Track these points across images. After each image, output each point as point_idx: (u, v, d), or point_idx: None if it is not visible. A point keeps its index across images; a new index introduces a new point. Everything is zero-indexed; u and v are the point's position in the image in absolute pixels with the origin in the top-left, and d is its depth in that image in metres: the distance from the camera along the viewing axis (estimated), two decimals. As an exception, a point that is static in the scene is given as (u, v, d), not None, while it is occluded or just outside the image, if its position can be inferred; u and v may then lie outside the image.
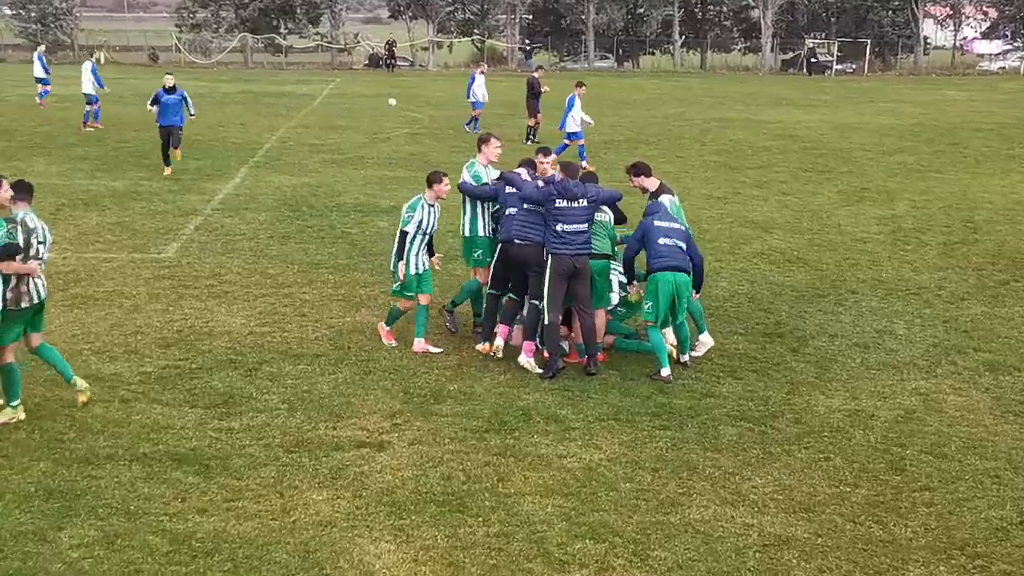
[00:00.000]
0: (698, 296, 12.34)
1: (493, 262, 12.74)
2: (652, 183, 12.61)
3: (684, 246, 11.90)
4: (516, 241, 12.06)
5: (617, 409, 10.86)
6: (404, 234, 12.41)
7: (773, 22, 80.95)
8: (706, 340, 12.57)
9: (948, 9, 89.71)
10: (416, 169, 26.69)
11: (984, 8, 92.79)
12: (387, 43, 76.48)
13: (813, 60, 77.49)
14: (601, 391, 11.35)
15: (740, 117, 40.59)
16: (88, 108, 34.00)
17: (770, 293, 15.42)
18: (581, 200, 11.81)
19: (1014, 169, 27.93)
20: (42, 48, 42.55)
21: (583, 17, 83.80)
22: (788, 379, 11.87)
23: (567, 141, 27.56)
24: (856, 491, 9.11)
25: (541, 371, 11.78)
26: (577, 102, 27.80)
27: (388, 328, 12.81)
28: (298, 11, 79.66)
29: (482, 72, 36.91)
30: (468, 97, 35.67)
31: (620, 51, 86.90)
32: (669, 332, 12.21)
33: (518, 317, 12.62)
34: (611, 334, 12.79)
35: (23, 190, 10.20)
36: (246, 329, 13.24)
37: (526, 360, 11.91)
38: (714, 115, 39.66)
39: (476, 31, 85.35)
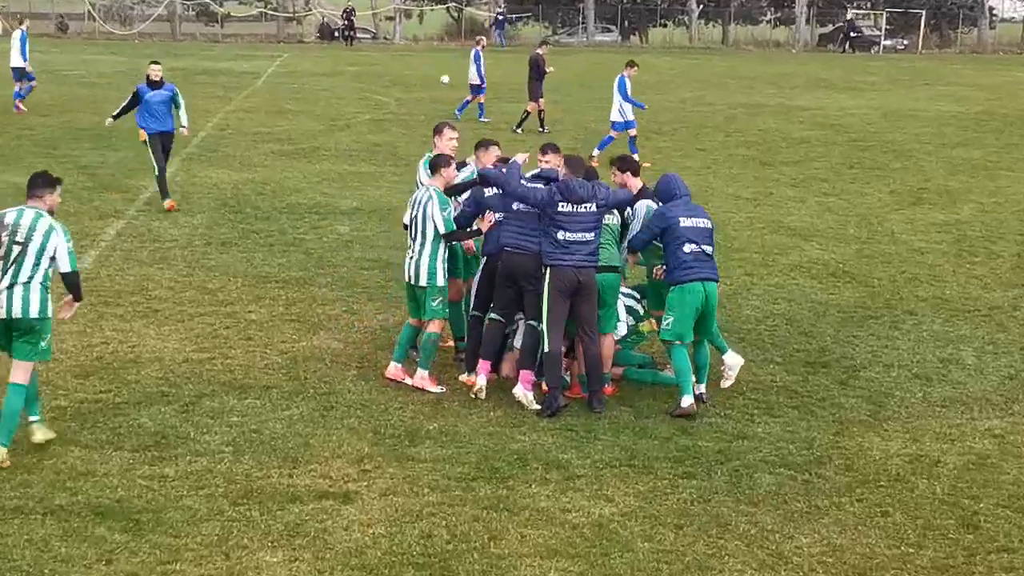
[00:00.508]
0: None
1: (477, 276, 12.77)
2: (636, 184, 12.80)
3: (711, 249, 11.99)
4: (507, 249, 12.10)
5: (631, 453, 10.87)
6: (450, 236, 12.33)
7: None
8: (732, 361, 12.57)
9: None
10: (382, 163, 26.81)
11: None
12: (345, 11, 76.62)
13: (856, 34, 77.94)
14: (611, 431, 11.36)
15: (771, 102, 40.85)
16: (19, 86, 34.08)
17: (812, 314, 15.49)
18: (589, 204, 11.85)
19: (1100, 166, 28.16)
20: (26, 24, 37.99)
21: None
22: (836, 417, 11.91)
23: (613, 133, 27.49)
24: (921, 553, 9.13)
25: (539, 407, 11.80)
26: (628, 85, 27.69)
27: (428, 372, 12.44)
28: (237, -27, 79.91)
29: (482, 48, 37.07)
30: (479, 79, 35.53)
31: (625, 23, 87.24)
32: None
33: (509, 342, 12.64)
34: (619, 364, 12.82)
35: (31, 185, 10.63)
36: (180, 355, 13.22)
37: (522, 393, 11.91)
38: (740, 100, 39.90)
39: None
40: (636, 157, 25.26)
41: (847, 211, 22.27)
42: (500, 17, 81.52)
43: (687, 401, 11.75)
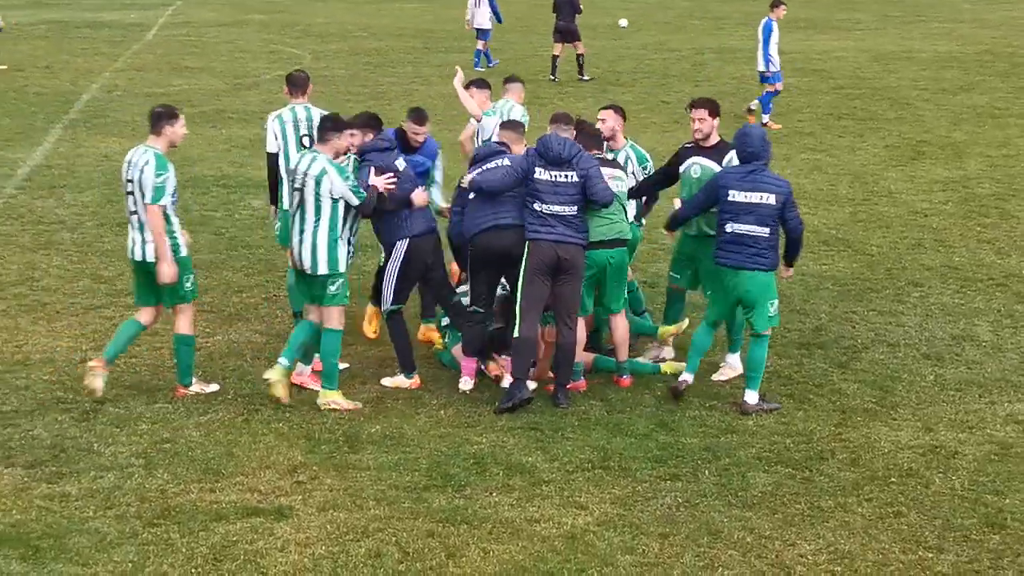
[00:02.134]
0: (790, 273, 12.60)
1: (468, 269, 12.80)
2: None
3: (767, 231, 11.88)
4: (493, 226, 12.15)
5: (605, 453, 10.95)
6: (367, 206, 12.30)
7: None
8: (734, 363, 12.77)
9: None
10: (299, 126, 26.62)
11: None
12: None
13: None
14: (581, 429, 11.44)
15: (745, 46, 40.84)
16: None
17: (803, 289, 15.60)
18: (568, 172, 11.81)
19: None
20: None
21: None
22: (837, 406, 12.04)
23: (769, 86, 27.29)
24: (941, 557, 9.26)
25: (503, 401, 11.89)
26: (775, 29, 27.44)
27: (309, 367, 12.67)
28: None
29: None
30: (489, 23, 35.85)
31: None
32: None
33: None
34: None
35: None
36: (76, 355, 13.17)
37: (468, 383, 12.21)
38: (709, 43, 39.99)
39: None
40: (766, 118, 26.14)
41: (838, 169, 22.44)
42: None
43: (686, 377, 12.09)
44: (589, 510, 9.93)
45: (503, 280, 12.64)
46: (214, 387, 12.32)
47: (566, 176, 11.82)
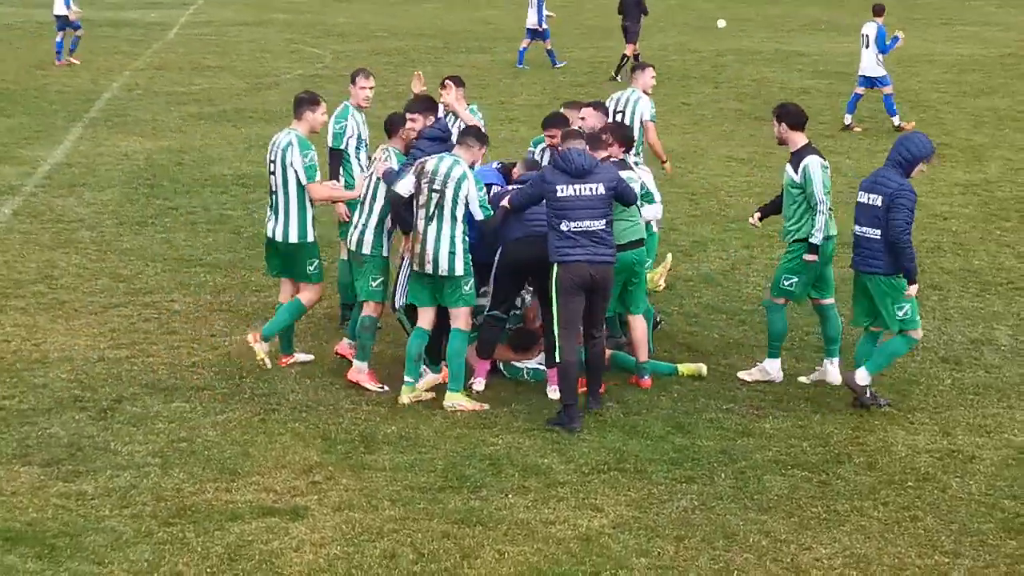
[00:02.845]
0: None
1: (494, 273, 12.74)
2: (798, 139, 12.81)
3: (872, 232, 11.95)
4: (524, 235, 12.15)
5: (620, 455, 10.95)
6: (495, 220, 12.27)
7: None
8: (770, 368, 12.70)
9: None
10: (319, 125, 26.67)
11: None
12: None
13: None
14: (597, 431, 11.44)
15: (766, 48, 40.92)
16: (63, 35, 34.88)
17: (822, 291, 15.55)
18: (592, 183, 11.61)
19: None
20: None
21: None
22: (854, 409, 12.01)
23: (886, 89, 26.90)
24: (957, 562, 9.25)
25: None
26: (885, 35, 26.73)
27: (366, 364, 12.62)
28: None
29: None
30: (541, 23, 35.64)
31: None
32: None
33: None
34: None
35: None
36: (94, 354, 13.20)
37: (480, 384, 12.28)
38: (730, 45, 39.91)
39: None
40: (896, 119, 26.01)
41: (858, 172, 22.25)
42: None
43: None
44: (604, 512, 9.93)
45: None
46: (309, 356, 12.96)
47: (591, 188, 11.59)
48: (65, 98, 29.78)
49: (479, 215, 11.85)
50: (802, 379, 12.75)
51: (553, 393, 12.16)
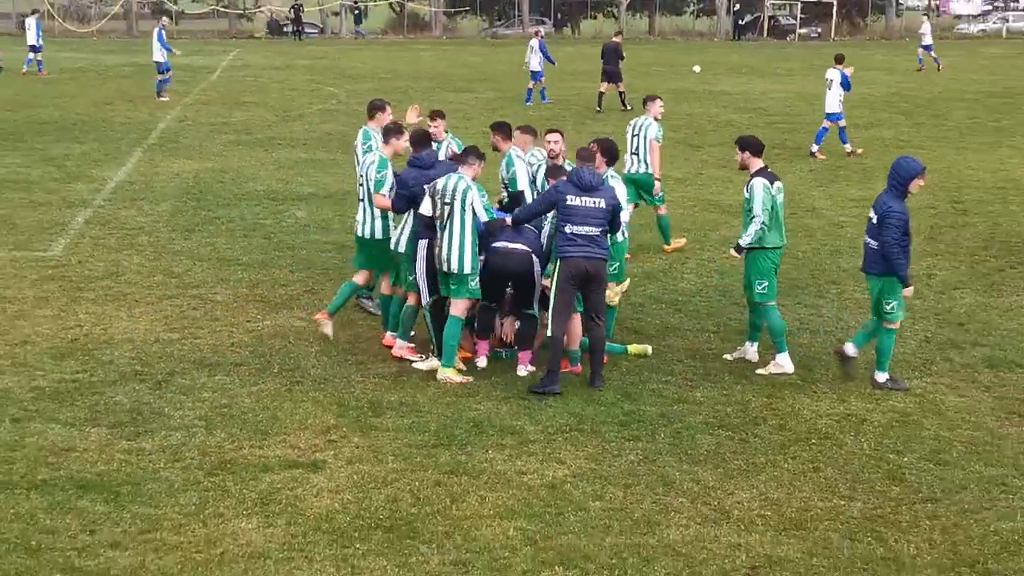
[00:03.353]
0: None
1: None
2: (756, 163, 12.60)
3: (873, 243, 11.83)
4: (497, 247, 12.02)
5: (580, 418, 10.93)
6: (496, 223, 12.09)
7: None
8: (784, 363, 12.39)
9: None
10: (335, 150, 26.66)
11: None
12: (293, 7, 75.99)
13: (743, 21, 77.97)
14: (561, 399, 11.40)
15: (697, 88, 40.96)
16: (160, 77, 35.95)
17: (743, 286, 15.54)
18: (596, 197, 11.58)
19: (1002, 143, 28.52)
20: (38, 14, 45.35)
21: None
22: (769, 381, 12.02)
23: (841, 123, 26.92)
24: (852, 504, 9.25)
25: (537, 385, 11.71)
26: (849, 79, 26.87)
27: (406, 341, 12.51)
28: (190, -28, 79.06)
29: (541, 38, 37.83)
30: (540, 66, 36.29)
31: (558, 15, 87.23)
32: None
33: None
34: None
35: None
36: (151, 336, 13.12)
37: (525, 372, 12.01)
38: (668, 86, 39.91)
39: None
40: (848, 147, 26.19)
41: (792, 191, 22.31)
42: (357, 10, 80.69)
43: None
44: (567, 464, 9.91)
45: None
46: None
47: (595, 202, 11.56)
48: (128, 128, 29.68)
49: (484, 217, 11.77)
50: (726, 356, 12.72)
51: (522, 371, 12.05)
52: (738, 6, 79.40)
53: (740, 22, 78.58)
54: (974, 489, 9.54)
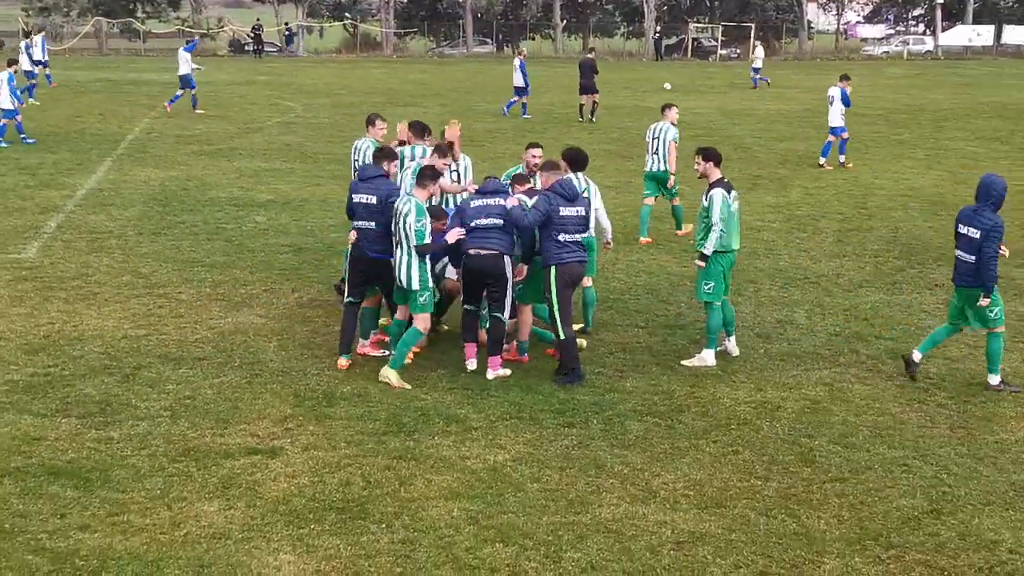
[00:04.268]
0: None
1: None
2: (716, 173, 12.50)
3: (968, 257, 11.50)
4: (471, 252, 11.73)
5: (519, 407, 10.90)
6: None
7: (656, 6, 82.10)
8: (708, 358, 12.32)
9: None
10: (293, 160, 26.48)
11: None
12: (253, 27, 75.48)
13: (666, 42, 78.60)
14: (502, 389, 11.37)
15: (627, 104, 41.12)
16: (182, 92, 36.03)
17: (669, 284, 15.65)
18: (579, 206, 11.61)
19: (903, 155, 28.85)
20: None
21: (460, 0, 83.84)
22: (692, 372, 12.06)
23: (831, 138, 26.74)
24: (767, 484, 9.30)
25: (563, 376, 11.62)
26: (843, 96, 26.64)
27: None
28: (156, -7, 78.16)
29: (524, 57, 38.40)
30: (523, 83, 36.68)
31: (499, 36, 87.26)
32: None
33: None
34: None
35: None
36: (119, 332, 12.95)
37: (495, 376, 11.71)
38: (601, 102, 40.02)
39: (348, 15, 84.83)
40: (843, 158, 26.26)
41: (695, 196, 22.42)
42: (288, 32, 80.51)
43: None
44: (507, 449, 9.88)
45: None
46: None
47: (577, 211, 11.62)
48: (98, 139, 29.29)
49: (414, 241, 11.30)
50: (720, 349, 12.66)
51: (471, 366, 11.88)
52: (659, 31, 79.98)
53: (665, 43, 79.07)
54: (878, 469, 9.62)
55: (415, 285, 11.44)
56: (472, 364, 11.94)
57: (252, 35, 75.12)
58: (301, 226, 18.88)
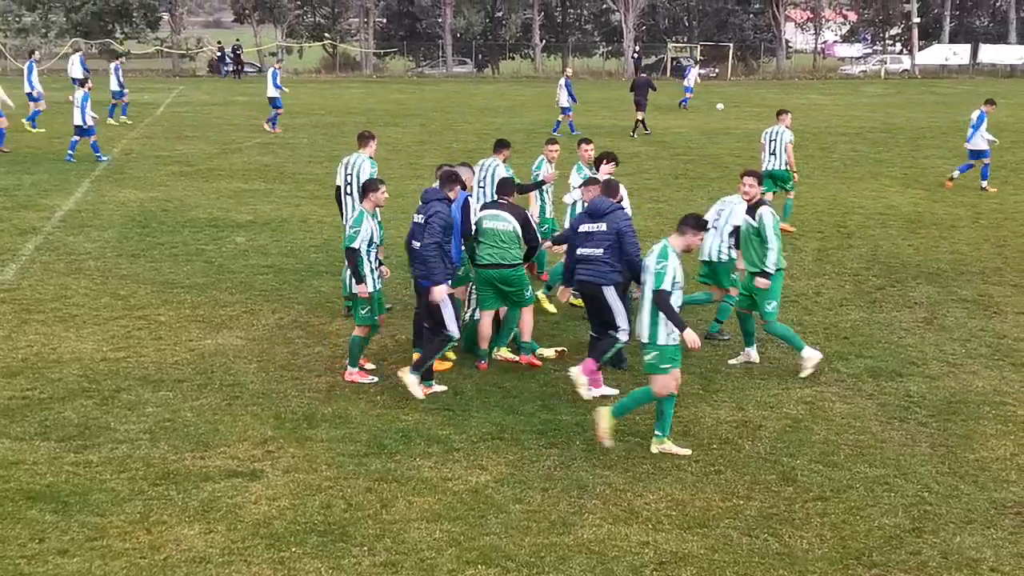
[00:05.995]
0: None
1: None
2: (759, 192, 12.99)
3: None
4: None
5: (501, 427, 10.88)
6: (353, 251, 11.71)
7: (635, 26, 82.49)
8: (752, 355, 12.99)
9: (808, 13, 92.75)
10: (272, 181, 26.43)
11: (843, 12, 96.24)
12: (233, 48, 75.52)
13: (639, 64, 78.98)
14: (484, 409, 11.36)
15: (606, 123, 41.25)
16: (276, 112, 37.03)
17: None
18: (600, 223, 11.91)
19: (882, 173, 29.00)
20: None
21: (440, 21, 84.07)
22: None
23: (972, 161, 26.57)
24: (749, 503, 9.30)
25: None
26: (985, 119, 26.55)
27: (356, 368, 12.15)
28: (135, 15, 78.01)
29: (569, 76, 39.99)
30: (568, 102, 37.70)
31: (479, 56, 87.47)
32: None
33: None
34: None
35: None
36: (99, 355, 12.88)
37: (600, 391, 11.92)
38: (580, 121, 40.13)
39: (327, 35, 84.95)
40: (985, 183, 26.03)
41: (675, 215, 22.36)
42: (219, 54, 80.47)
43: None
44: (488, 470, 9.86)
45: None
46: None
47: (598, 227, 11.92)
48: (76, 160, 29.14)
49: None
50: (731, 361, 13.00)
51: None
52: (638, 51, 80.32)
53: (641, 63, 79.36)
54: (860, 488, 9.64)
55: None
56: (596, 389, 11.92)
57: (232, 56, 75.13)
58: (281, 247, 18.84)
